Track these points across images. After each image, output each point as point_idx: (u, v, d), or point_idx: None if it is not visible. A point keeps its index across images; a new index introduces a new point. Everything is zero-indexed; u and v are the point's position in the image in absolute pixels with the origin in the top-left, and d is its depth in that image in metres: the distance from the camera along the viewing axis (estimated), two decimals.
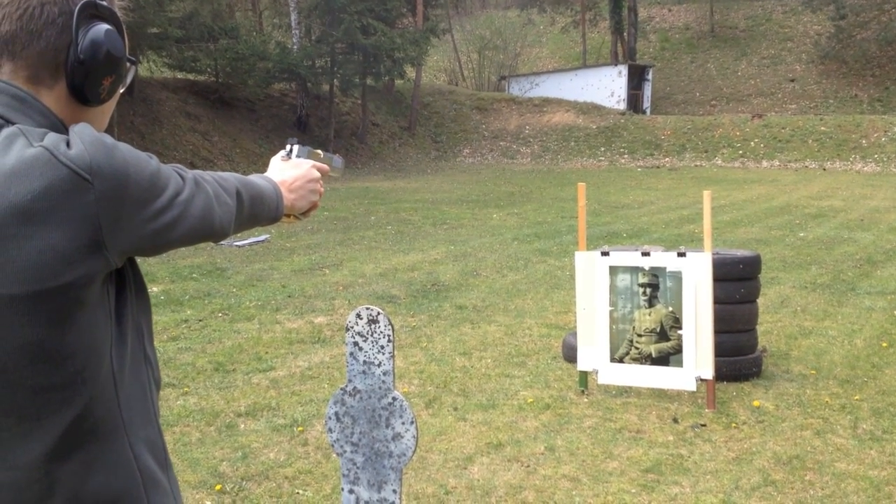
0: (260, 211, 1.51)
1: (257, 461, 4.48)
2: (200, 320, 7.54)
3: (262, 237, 12.33)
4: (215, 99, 28.13)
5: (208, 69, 27.66)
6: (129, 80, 1.37)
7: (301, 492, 4.12)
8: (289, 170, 1.70)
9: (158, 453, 1.31)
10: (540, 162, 32.24)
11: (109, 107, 1.35)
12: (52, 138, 1.16)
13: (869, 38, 38.19)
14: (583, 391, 5.66)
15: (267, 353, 6.55)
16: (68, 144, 1.15)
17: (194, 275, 9.60)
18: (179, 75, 28.32)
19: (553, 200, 19.02)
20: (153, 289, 8.76)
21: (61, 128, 1.23)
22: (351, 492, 2.91)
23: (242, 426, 5.01)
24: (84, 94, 1.25)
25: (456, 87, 41.38)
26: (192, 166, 24.54)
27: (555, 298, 8.58)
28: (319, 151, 1.87)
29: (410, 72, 33.61)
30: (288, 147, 1.76)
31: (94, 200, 1.13)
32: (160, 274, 9.52)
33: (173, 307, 8.00)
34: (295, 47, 29.64)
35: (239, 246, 11.60)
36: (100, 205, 1.13)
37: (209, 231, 1.31)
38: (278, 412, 5.23)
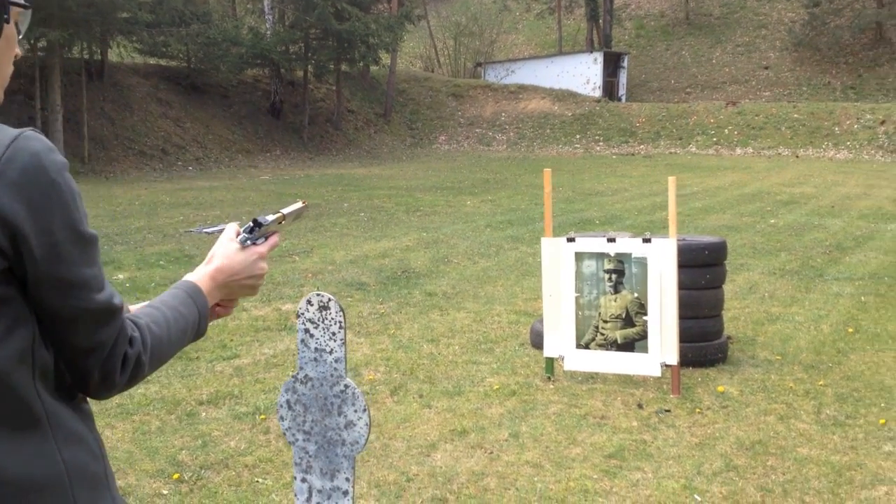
0: (176, 349, 1.42)
1: (217, 449, 4.43)
2: None
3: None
4: (187, 85, 27.85)
5: (180, 54, 27.35)
6: (23, 27, 1.27)
7: (261, 480, 4.07)
8: (234, 261, 1.52)
9: (87, 445, 1.27)
10: (515, 149, 32.22)
11: (3, 56, 1.24)
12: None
13: (842, 25, 38.40)
14: (549, 377, 5.64)
15: (232, 340, 6.48)
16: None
17: (161, 262, 9.49)
18: (151, 60, 27.99)
19: (527, 187, 18.99)
20: (119, 275, 8.66)
21: None
22: (304, 480, 2.87)
23: (204, 414, 4.95)
24: None
25: (432, 73, 41.23)
26: (164, 153, 24.34)
27: (525, 285, 8.56)
28: (282, 212, 1.63)
29: (385, 58, 33.42)
30: (248, 225, 1.54)
31: None
32: (126, 261, 9.41)
33: (139, 295, 7.90)
34: (268, 32, 29.40)
35: (208, 233, 11.49)
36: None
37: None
38: (241, 400, 5.18)
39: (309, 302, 2.78)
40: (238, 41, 27.56)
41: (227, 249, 1.53)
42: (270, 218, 1.59)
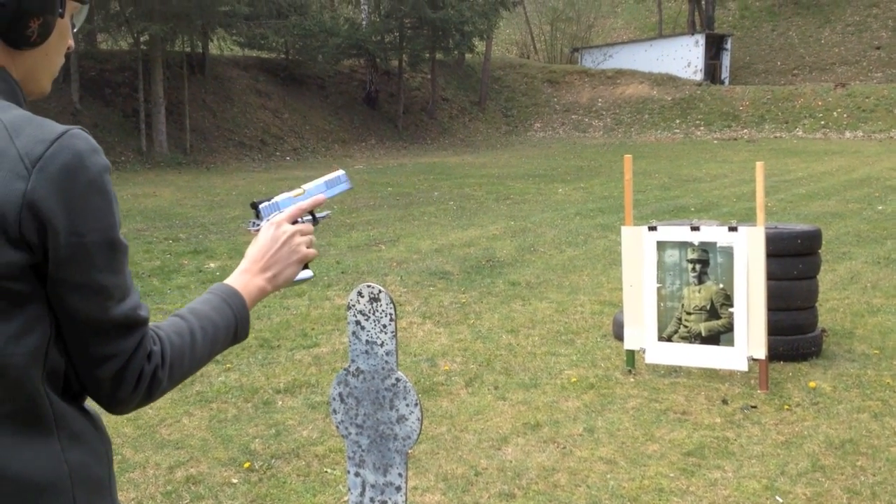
0: (205, 361, 1.38)
1: (290, 438, 4.45)
2: None
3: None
4: (285, 76, 28.35)
5: (278, 46, 27.86)
6: (78, 21, 1.31)
7: (329, 471, 4.07)
8: (258, 244, 1.52)
9: (93, 447, 1.25)
10: (612, 135, 31.66)
11: (54, 48, 1.27)
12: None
13: None
14: (630, 371, 5.48)
15: (313, 329, 6.52)
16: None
17: None
18: (250, 53, 28.60)
19: (622, 175, 18.60)
20: (210, 264, 8.84)
21: (12, 84, 1.21)
22: (357, 475, 2.83)
23: (280, 403, 4.99)
24: (11, 37, 1.19)
25: (527, 59, 40.88)
26: (263, 143, 24.86)
27: (612, 275, 8.36)
28: (302, 188, 1.61)
29: (480, 45, 33.28)
30: (254, 214, 1.53)
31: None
32: (219, 250, 9.61)
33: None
34: (364, 23, 29.65)
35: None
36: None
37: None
38: (317, 389, 5.19)
39: (360, 293, 2.72)
40: (335, 32, 27.85)
41: (253, 248, 1.54)
42: (285, 194, 1.58)
